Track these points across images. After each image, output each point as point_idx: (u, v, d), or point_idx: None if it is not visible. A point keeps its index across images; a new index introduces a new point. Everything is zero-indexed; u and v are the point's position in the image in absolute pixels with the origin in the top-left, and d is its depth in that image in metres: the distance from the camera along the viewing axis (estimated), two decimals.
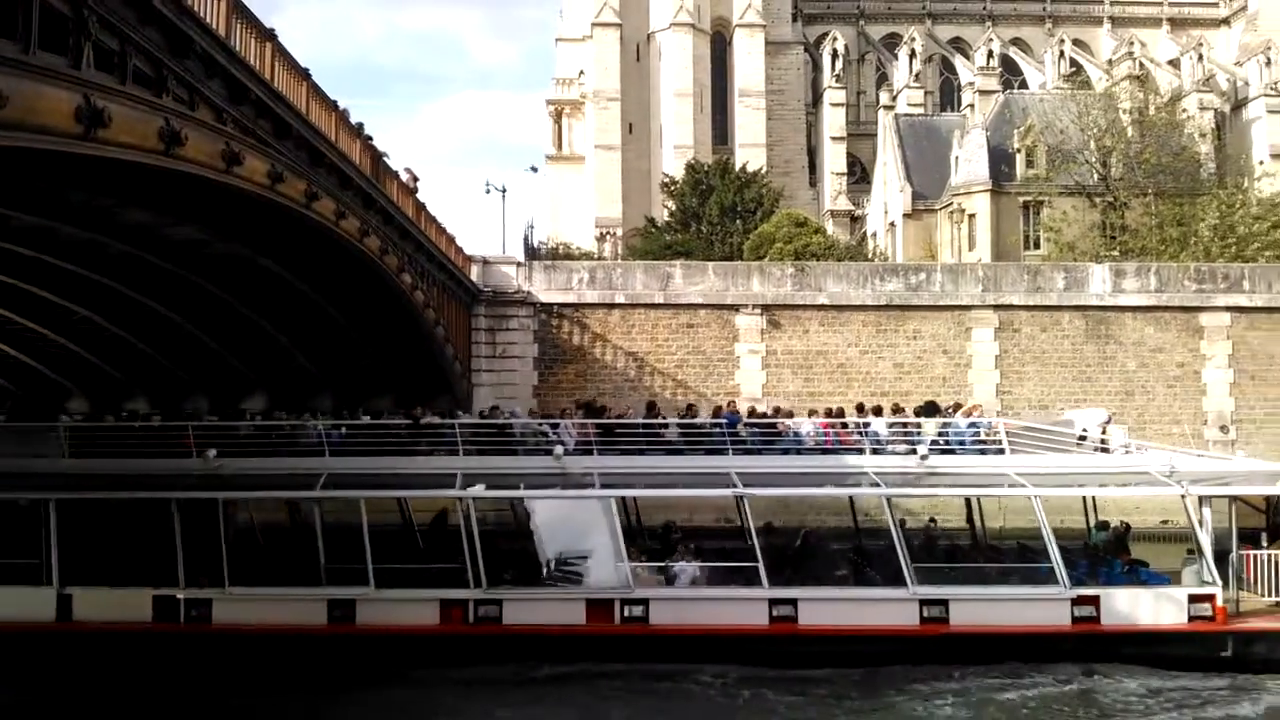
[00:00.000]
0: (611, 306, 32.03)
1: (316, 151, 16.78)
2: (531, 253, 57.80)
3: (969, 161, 56.40)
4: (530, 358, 31.65)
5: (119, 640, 17.17)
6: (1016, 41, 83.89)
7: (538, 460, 19.17)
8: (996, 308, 32.25)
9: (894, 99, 74.09)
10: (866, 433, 19.67)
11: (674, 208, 61.56)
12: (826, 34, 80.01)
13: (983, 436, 19.87)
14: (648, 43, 74.89)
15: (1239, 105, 77.27)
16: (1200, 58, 76.22)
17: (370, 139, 20.04)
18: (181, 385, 26.96)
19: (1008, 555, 19.10)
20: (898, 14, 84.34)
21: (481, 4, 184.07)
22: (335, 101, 17.96)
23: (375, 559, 17.40)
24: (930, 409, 21.69)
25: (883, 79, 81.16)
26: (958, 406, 22.21)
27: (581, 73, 78.06)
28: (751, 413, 23.67)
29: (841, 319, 32.17)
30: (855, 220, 72.24)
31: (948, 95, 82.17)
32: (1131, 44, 77.73)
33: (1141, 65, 73.17)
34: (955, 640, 16.89)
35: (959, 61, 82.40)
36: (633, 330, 31.94)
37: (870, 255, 58.89)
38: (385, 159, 21.16)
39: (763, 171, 65.50)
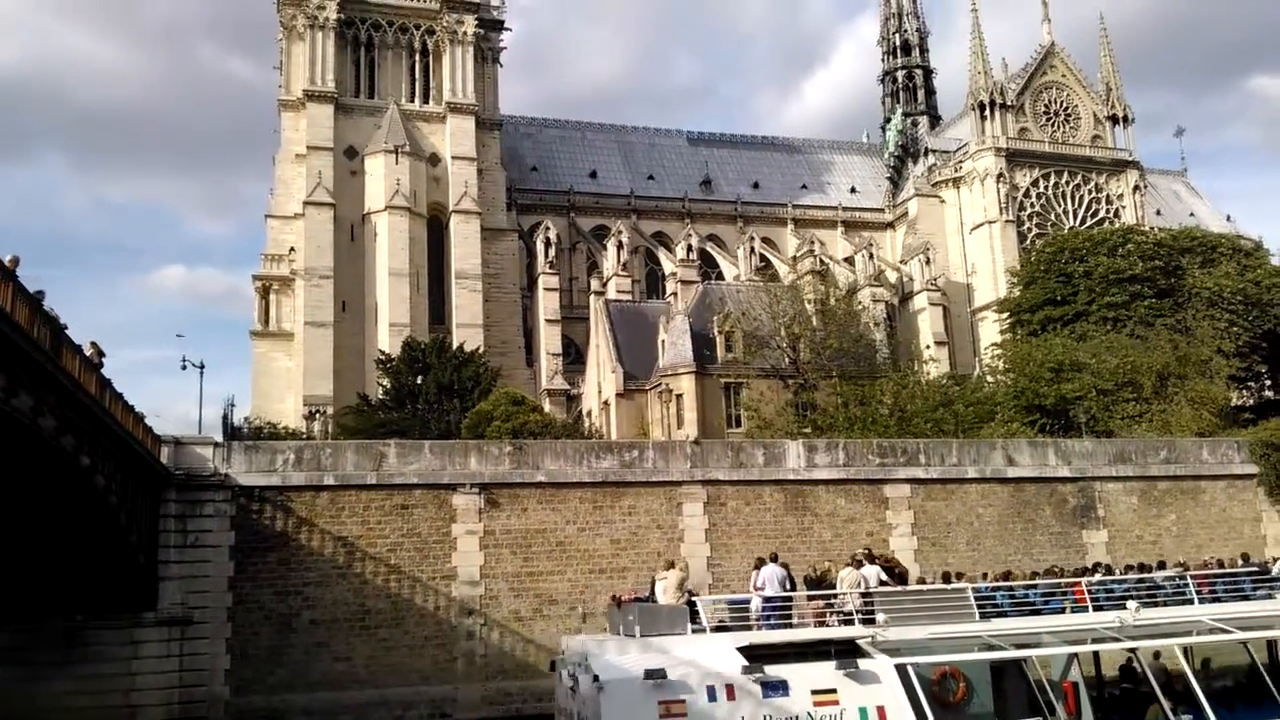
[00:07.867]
0: (320, 489, 30.31)
1: None
2: (232, 432, 54.49)
3: (674, 345, 59.63)
4: (226, 546, 28.90)
5: None
6: (712, 237, 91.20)
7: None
8: (704, 483, 33.32)
9: (604, 285, 77.82)
10: None
11: (390, 385, 60.55)
12: (540, 223, 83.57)
13: None
14: (363, 223, 75.16)
15: (906, 298, 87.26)
16: (871, 256, 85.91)
17: (50, 310, 18.46)
18: None
19: None
20: (605, 208, 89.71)
21: (195, 179, 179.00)
22: (12, 270, 16.49)
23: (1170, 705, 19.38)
24: None
25: (593, 266, 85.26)
26: None
27: (292, 249, 76.72)
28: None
29: (560, 497, 32.15)
30: (571, 399, 73.94)
31: (653, 283, 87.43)
32: (812, 243, 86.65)
33: (821, 262, 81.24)
34: None
35: (662, 253, 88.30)
36: (342, 513, 30.34)
37: (586, 433, 60.04)
38: (66, 331, 19.50)
39: (480, 351, 66.12)
